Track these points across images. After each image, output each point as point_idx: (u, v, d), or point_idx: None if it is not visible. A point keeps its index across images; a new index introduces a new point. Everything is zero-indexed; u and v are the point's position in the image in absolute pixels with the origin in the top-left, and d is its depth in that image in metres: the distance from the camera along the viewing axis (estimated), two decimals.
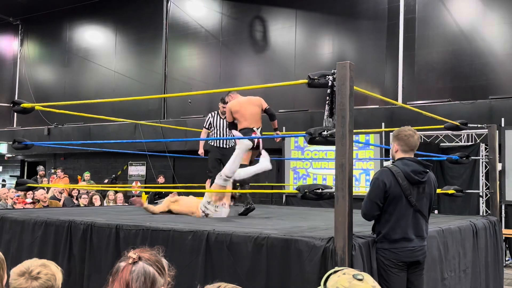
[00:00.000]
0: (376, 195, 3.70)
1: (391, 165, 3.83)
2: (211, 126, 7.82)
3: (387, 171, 3.76)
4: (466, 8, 12.19)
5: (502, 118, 10.51)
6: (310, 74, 3.89)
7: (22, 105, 5.58)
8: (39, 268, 2.17)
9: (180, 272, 3.61)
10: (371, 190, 3.75)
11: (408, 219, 3.74)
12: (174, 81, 16.56)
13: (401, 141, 3.85)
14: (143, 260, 1.87)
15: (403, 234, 3.72)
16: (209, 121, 7.85)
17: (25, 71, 20.30)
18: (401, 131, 3.88)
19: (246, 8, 15.46)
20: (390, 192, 3.68)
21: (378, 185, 3.70)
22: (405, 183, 3.70)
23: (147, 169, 16.64)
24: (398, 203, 3.71)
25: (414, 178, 3.72)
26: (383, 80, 12.95)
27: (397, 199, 3.70)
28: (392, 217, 3.71)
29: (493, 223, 6.14)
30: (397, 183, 3.69)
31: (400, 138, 3.85)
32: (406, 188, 3.69)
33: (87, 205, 10.05)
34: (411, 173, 3.72)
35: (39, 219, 4.99)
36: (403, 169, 3.73)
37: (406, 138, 3.83)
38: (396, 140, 3.88)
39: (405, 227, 3.73)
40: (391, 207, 3.72)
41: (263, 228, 4.17)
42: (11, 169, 20.78)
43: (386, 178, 3.70)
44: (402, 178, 3.70)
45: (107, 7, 17.96)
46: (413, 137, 3.84)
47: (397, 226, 3.71)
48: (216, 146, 7.75)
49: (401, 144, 3.85)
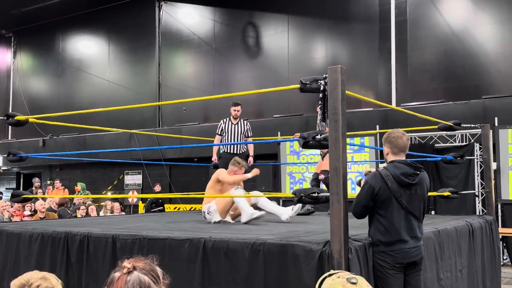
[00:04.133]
0: (364, 197, 3.79)
1: (382, 169, 3.90)
2: (223, 132, 7.84)
3: (377, 174, 3.83)
4: (457, 9, 12.26)
5: (495, 118, 10.55)
6: (302, 79, 3.90)
7: (16, 118, 5.56)
8: (39, 281, 2.17)
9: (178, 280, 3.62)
10: (360, 192, 3.86)
11: (400, 221, 3.78)
12: (168, 89, 16.58)
13: (391, 144, 3.91)
14: (138, 270, 1.86)
15: (398, 236, 3.76)
16: (221, 127, 7.87)
17: (18, 83, 20.29)
18: (390, 133, 3.95)
19: (239, 14, 15.51)
20: (379, 195, 3.75)
21: (367, 188, 3.79)
22: (395, 186, 3.75)
23: (143, 177, 16.63)
24: (389, 206, 3.76)
25: (404, 180, 3.77)
26: (376, 82, 12.99)
27: (388, 202, 3.75)
28: (385, 220, 3.77)
29: (489, 223, 6.16)
30: (386, 186, 3.74)
31: (389, 140, 3.92)
32: (396, 190, 3.74)
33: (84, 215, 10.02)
34: (401, 175, 3.77)
35: (35, 231, 4.97)
36: (393, 172, 3.78)
37: (395, 140, 3.89)
38: (386, 143, 3.95)
39: (399, 229, 3.77)
40: (383, 210, 3.77)
41: (259, 234, 4.18)
42: (6, 181, 20.72)
43: (375, 182, 3.77)
44: (392, 181, 3.75)
45: (100, 17, 17.97)
46: (401, 138, 3.89)
47: (391, 228, 3.76)
48: (227, 152, 7.77)
49: (391, 147, 3.91)
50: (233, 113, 7.82)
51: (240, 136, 7.81)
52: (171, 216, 7.52)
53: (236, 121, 7.86)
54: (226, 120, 7.91)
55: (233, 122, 7.83)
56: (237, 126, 7.82)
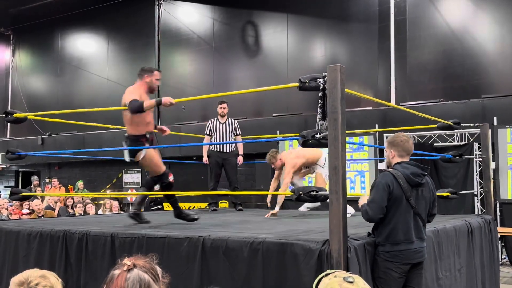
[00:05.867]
0: (382, 197, 3.75)
1: (391, 169, 3.92)
2: (212, 131, 7.86)
3: (388, 174, 3.85)
4: (456, 9, 12.26)
5: (494, 117, 10.56)
6: (301, 78, 3.91)
7: (14, 115, 5.57)
8: (38, 280, 2.17)
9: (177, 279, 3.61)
10: (375, 193, 3.79)
11: (409, 221, 3.80)
12: (167, 88, 16.53)
13: (398, 147, 3.97)
14: (138, 267, 1.86)
15: (405, 236, 3.78)
16: (209, 127, 7.91)
17: (17, 81, 20.25)
18: (396, 137, 4.02)
19: (238, 13, 15.49)
20: (393, 194, 3.76)
21: (382, 187, 3.76)
22: (406, 185, 3.79)
23: (142, 176, 16.61)
24: (399, 205, 3.78)
25: (414, 180, 3.82)
26: (375, 82, 12.99)
27: (398, 201, 3.78)
28: (394, 219, 3.77)
29: (488, 222, 6.16)
30: (398, 185, 3.77)
31: (396, 144, 3.98)
32: (406, 190, 3.78)
33: (82, 214, 10.02)
34: (411, 175, 3.82)
35: (34, 229, 4.97)
36: (403, 172, 3.83)
37: (402, 144, 3.96)
38: (392, 146, 4.00)
39: (407, 228, 3.79)
40: (393, 209, 3.78)
41: (258, 232, 4.17)
42: (5, 179, 20.69)
43: (389, 180, 3.79)
44: (403, 180, 3.79)
45: (99, 15, 17.94)
46: (408, 142, 3.99)
47: (399, 227, 3.77)
48: (216, 150, 7.80)
49: (398, 150, 3.97)
50: (220, 111, 7.84)
51: (229, 135, 7.82)
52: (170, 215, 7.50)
53: (224, 119, 7.87)
54: (214, 119, 7.93)
55: (220, 121, 7.85)
56: (225, 125, 7.85)
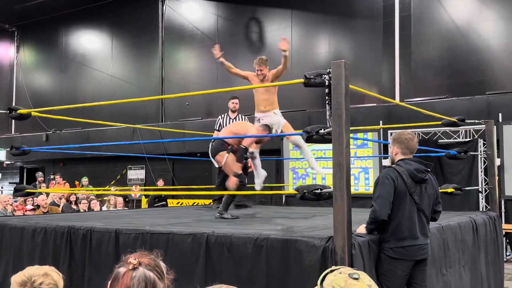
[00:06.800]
0: (389, 191, 3.74)
1: (395, 165, 3.91)
2: (221, 127, 7.84)
3: (392, 169, 3.84)
4: (461, 5, 12.21)
5: (499, 113, 10.53)
6: (306, 74, 3.88)
7: (18, 111, 5.56)
8: (41, 278, 2.16)
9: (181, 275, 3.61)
10: (381, 188, 3.76)
11: (413, 216, 3.79)
12: (171, 84, 16.56)
13: (402, 144, 3.96)
14: (143, 266, 1.85)
15: (410, 232, 3.77)
16: (219, 123, 7.87)
17: (22, 78, 20.29)
18: (401, 134, 4.00)
19: (242, 9, 15.46)
20: (397, 189, 3.76)
21: (388, 182, 3.75)
22: (410, 181, 3.78)
23: (146, 172, 16.64)
24: (403, 201, 3.77)
25: (418, 176, 3.81)
26: (380, 78, 12.95)
27: (402, 197, 3.77)
28: (398, 215, 3.76)
29: (493, 219, 6.14)
30: (402, 181, 3.77)
31: (400, 141, 3.97)
32: (410, 186, 3.77)
33: (87, 210, 10.04)
34: (415, 171, 3.81)
35: (38, 225, 4.98)
36: (407, 168, 3.82)
37: (407, 141, 3.95)
38: (397, 143, 3.99)
39: (411, 224, 3.78)
40: (397, 205, 3.77)
41: (262, 229, 4.17)
42: (10, 175, 20.76)
43: (393, 175, 3.78)
44: (407, 176, 3.79)
45: (103, 12, 17.95)
46: (412, 140, 3.97)
47: (403, 223, 3.76)
48: None
49: (402, 147, 3.96)
50: (231, 106, 7.83)
51: None
52: (174, 211, 7.52)
53: (234, 115, 7.85)
54: (224, 115, 7.91)
55: (231, 117, 7.82)
56: (236, 121, 7.82)
